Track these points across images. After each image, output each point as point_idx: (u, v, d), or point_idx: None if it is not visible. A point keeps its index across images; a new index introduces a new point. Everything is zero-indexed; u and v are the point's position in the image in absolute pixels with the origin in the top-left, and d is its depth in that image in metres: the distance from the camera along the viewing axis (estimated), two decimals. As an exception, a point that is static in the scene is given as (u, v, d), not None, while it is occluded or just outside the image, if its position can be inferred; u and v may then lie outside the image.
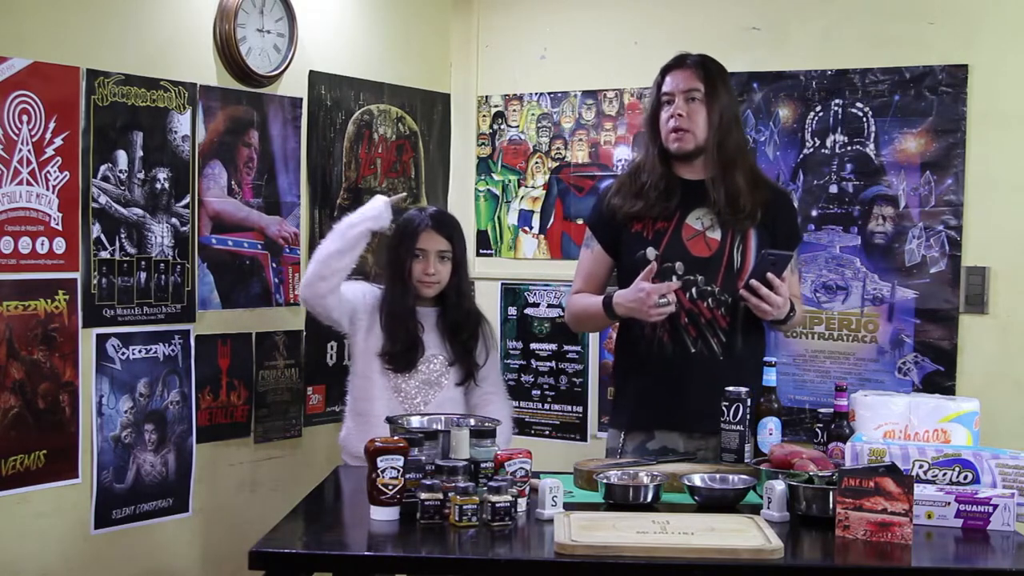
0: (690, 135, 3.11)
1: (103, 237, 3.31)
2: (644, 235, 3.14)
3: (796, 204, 3.87)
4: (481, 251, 4.53)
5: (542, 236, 4.41)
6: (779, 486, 2.62)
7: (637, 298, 3.00)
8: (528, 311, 4.43)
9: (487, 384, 3.42)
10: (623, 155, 4.24)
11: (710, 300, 3.10)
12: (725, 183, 3.10)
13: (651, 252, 3.12)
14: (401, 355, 3.32)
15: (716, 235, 3.11)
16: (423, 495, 2.56)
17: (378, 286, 3.43)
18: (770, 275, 2.96)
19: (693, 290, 3.10)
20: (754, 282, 2.97)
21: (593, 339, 4.30)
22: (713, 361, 3.10)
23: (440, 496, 2.56)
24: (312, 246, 3.93)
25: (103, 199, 3.30)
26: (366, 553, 2.48)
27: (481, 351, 3.41)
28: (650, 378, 3.14)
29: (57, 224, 3.19)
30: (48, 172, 3.16)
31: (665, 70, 3.17)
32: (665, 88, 3.14)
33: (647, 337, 3.13)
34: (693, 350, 3.10)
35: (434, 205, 4.36)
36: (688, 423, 3.12)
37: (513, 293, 4.45)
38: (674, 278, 3.09)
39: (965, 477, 2.68)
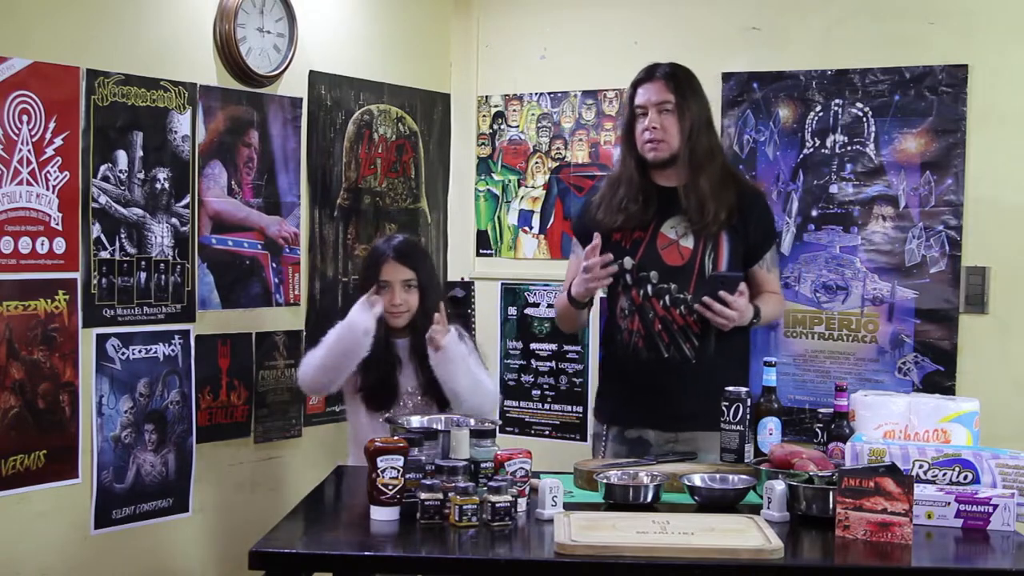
0: (665, 144, 3.25)
1: (103, 237, 3.31)
2: (622, 244, 3.29)
3: (796, 202, 3.87)
4: (481, 251, 4.53)
5: (542, 236, 4.41)
6: (779, 486, 2.62)
7: (579, 276, 3.22)
8: (528, 311, 4.43)
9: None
10: (623, 155, 4.23)
11: (683, 307, 3.24)
12: (695, 189, 3.24)
13: (627, 261, 3.28)
14: (376, 391, 3.31)
15: (689, 243, 3.25)
16: (423, 495, 2.56)
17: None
18: (722, 293, 3.11)
19: (667, 298, 3.24)
20: (706, 299, 3.12)
21: (593, 339, 4.30)
22: (686, 365, 3.24)
23: (440, 496, 2.56)
24: (312, 246, 3.94)
25: (103, 199, 3.31)
26: (366, 553, 2.48)
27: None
28: (628, 381, 3.31)
29: (57, 224, 3.19)
30: (48, 172, 3.16)
31: (636, 83, 3.31)
32: (638, 101, 3.29)
33: (623, 342, 3.30)
34: (666, 355, 3.25)
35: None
36: (663, 422, 3.27)
37: (513, 293, 4.45)
38: (650, 287, 3.26)
39: (965, 477, 2.68)
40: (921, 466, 2.70)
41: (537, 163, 4.42)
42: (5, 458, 3.09)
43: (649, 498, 2.72)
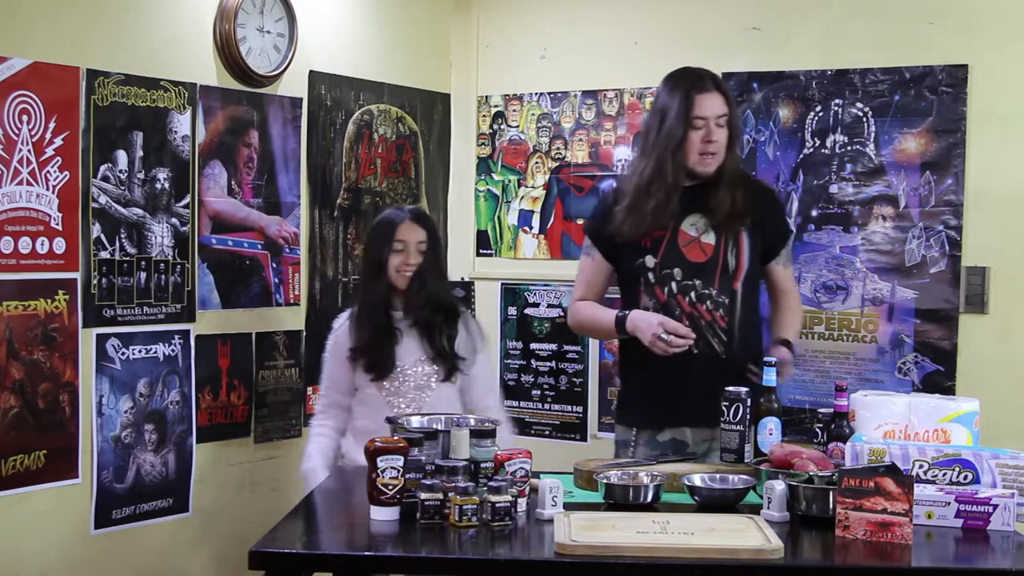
0: (718, 157, 3.19)
1: (103, 237, 3.31)
2: (642, 243, 3.23)
3: (796, 202, 3.87)
4: (481, 251, 4.53)
5: (542, 236, 4.41)
6: (779, 486, 2.62)
7: (648, 321, 3.12)
8: (528, 311, 4.43)
9: (478, 388, 3.43)
10: (623, 155, 4.24)
11: (708, 303, 3.19)
12: (730, 190, 3.19)
13: (650, 260, 3.21)
14: (374, 362, 3.29)
15: (710, 239, 3.21)
16: (423, 495, 2.56)
17: (343, 323, 3.42)
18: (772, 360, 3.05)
19: (692, 294, 3.20)
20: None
21: (593, 339, 4.30)
22: (715, 359, 3.19)
23: (440, 496, 2.56)
24: (312, 246, 3.94)
25: (103, 199, 3.31)
26: (366, 553, 2.48)
27: (466, 344, 3.39)
28: (658, 380, 3.22)
29: (57, 224, 3.19)
30: (48, 172, 3.16)
31: (694, 92, 3.18)
32: (699, 112, 3.16)
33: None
34: (696, 351, 3.17)
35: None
36: (696, 418, 3.20)
37: (513, 293, 4.45)
38: (674, 284, 3.18)
39: (965, 477, 2.68)
40: (921, 466, 2.69)
41: (537, 163, 4.42)
42: (5, 458, 3.09)
43: (649, 498, 2.72)
